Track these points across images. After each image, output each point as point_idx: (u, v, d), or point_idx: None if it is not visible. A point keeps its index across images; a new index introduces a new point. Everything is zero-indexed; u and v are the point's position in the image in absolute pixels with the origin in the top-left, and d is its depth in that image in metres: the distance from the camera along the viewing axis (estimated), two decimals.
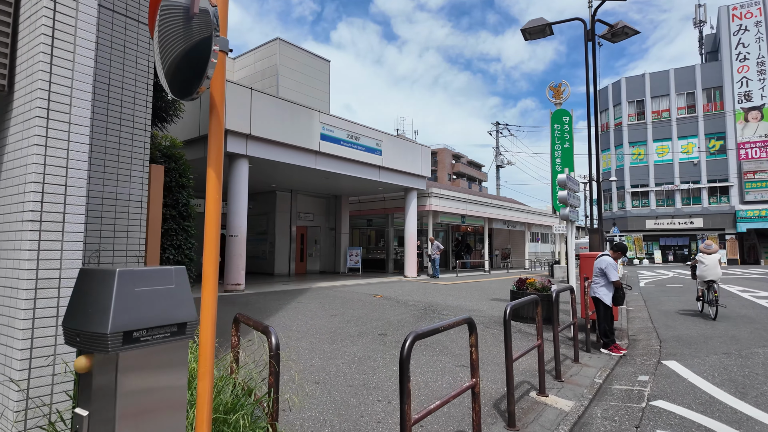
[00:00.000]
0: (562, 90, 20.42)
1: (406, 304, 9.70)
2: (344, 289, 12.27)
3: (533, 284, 8.28)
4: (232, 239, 11.05)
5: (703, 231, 33.17)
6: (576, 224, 19.27)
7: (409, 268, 16.72)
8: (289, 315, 7.95)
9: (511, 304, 3.80)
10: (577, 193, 7.11)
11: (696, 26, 38.43)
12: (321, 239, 19.48)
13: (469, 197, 20.38)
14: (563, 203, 6.50)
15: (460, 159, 72.36)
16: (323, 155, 13.02)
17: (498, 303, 10.27)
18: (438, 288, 13.20)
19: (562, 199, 6.45)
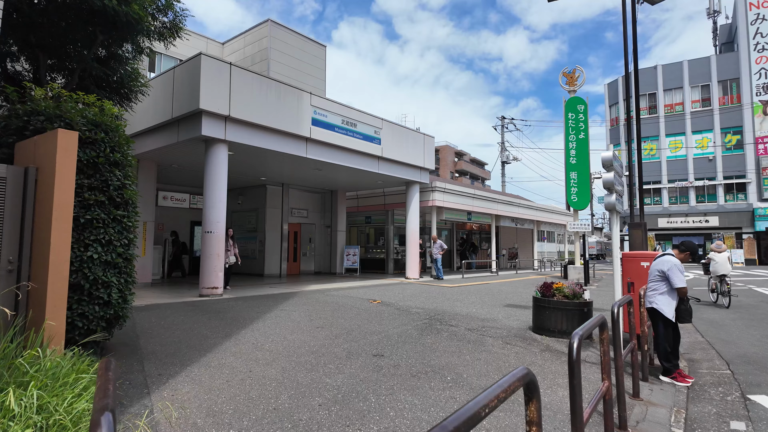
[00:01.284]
0: (577, 76, 18.95)
1: (408, 311, 8.28)
2: (338, 293, 10.85)
3: (561, 290, 6.86)
4: (208, 236, 9.64)
5: (718, 230, 31.68)
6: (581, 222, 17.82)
7: (411, 269, 15.29)
8: (266, 327, 6.53)
9: (578, 334, 2.33)
10: (622, 178, 5.71)
11: (710, 17, 36.90)
12: (316, 237, 18.07)
13: (475, 192, 18.96)
14: (608, 189, 5.08)
15: (463, 156, 71.00)
16: (315, 143, 11.60)
17: (515, 311, 8.85)
18: (443, 291, 11.78)
19: (607, 184, 5.03)
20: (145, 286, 11.55)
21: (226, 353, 5.10)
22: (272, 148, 10.63)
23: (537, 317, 6.91)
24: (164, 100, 10.20)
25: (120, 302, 4.54)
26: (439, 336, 6.34)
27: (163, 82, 10.37)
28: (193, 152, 10.84)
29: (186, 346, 5.37)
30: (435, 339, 6.16)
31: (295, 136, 11.08)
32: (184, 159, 11.83)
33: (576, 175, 17.84)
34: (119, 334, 5.71)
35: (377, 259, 18.79)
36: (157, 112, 10.41)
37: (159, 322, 6.71)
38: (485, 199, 19.69)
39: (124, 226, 4.61)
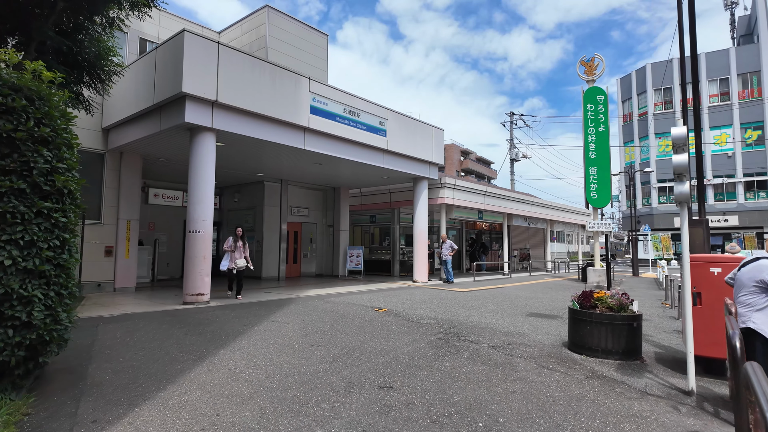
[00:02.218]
0: (596, 65, 17.75)
1: (418, 323, 7.17)
2: (339, 299, 9.76)
3: (604, 301, 5.74)
4: (192, 237, 8.58)
5: (738, 229, 30.32)
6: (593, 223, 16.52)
7: (419, 272, 14.18)
8: (250, 345, 5.45)
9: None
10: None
11: (727, 8, 35.52)
12: (317, 238, 16.99)
13: (486, 190, 17.82)
14: (680, 175, 3.96)
15: (469, 155, 69.88)
16: (314, 133, 10.52)
17: (541, 322, 7.71)
18: (456, 297, 10.66)
19: (680, 168, 3.91)
20: (127, 292, 10.51)
21: (193, 385, 4.02)
22: (266, 138, 9.55)
23: (574, 332, 5.79)
24: (146, 84, 9.16)
25: (48, 323, 3.47)
26: (459, 357, 5.23)
27: (145, 66, 9.32)
28: (179, 143, 9.79)
29: (145, 374, 4.29)
30: (454, 361, 5.05)
31: (292, 125, 10.00)
32: (171, 151, 10.78)
33: (596, 170, 16.68)
34: (68, 356, 4.65)
35: (382, 261, 17.69)
36: (139, 99, 9.37)
37: (124, 339, 5.64)
38: (497, 196, 18.54)
39: (55, 222, 3.53)
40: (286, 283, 13.63)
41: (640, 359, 5.42)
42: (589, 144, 16.52)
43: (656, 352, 5.92)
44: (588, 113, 16.56)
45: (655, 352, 5.95)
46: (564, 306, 9.65)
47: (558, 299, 10.89)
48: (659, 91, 33.70)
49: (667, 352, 5.99)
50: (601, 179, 16.30)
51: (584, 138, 16.74)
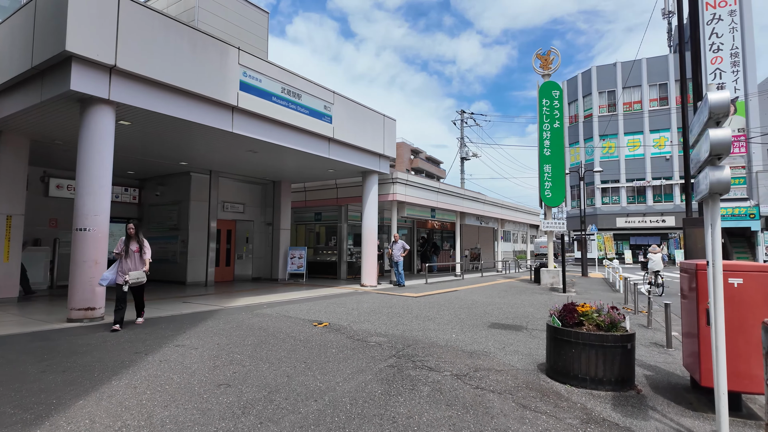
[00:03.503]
0: (552, 59, 17.21)
1: (366, 342, 5.87)
2: (273, 310, 8.27)
3: (590, 317, 4.70)
4: (81, 236, 6.78)
5: (675, 230, 31.53)
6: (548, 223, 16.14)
7: (368, 275, 12.90)
8: (129, 389, 3.90)
9: None
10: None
11: (665, 17, 37.03)
12: (254, 237, 15.26)
13: (440, 187, 16.84)
14: (720, 155, 2.92)
15: (419, 154, 69.72)
16: (244, 114, 8.94)
17: (506, 336, 6.63)
18: (408, 305, 9.47)
19: (720, 147, 2.87)
20: (4, 304, 8.44)
21: None
22: (184, 117, 7.88)
23: (556, 355, 4.71)
24: (24, 44, 7.21)
25: None
26: (416, 395, 3.97)
27: (23, 20, 7.36)
28: (74, 121, 7.88)
29: None
30: (412, 404, 3.78)
31: (216, 103, 8.37)
32: (68, 132, 8.79)
33: (550, 168, 16.12)
34: None
35: (328, 263, 16.24)
36: (15, 62, 7.39)
37: None
38: (451, 194, 17.63)
39: None
40: (215, 290, 11.90)
41: (634, 389, 4.42)
42: (544, 140, 15.94)
43: (646, 376, 4.97)
44: (543, 108, 15.97)
45: (644, 375, 5.00)
46: (525, 314, 8.71)
47: (517, 305, 9.98)
48: (603, 93, 34.49)
49: (657, 374, 5.06)
50: (556, 177, 15.77)
51: (539, 134, 16.15)
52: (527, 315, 8.59)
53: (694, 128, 3.51)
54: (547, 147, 15.91)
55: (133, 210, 14.63)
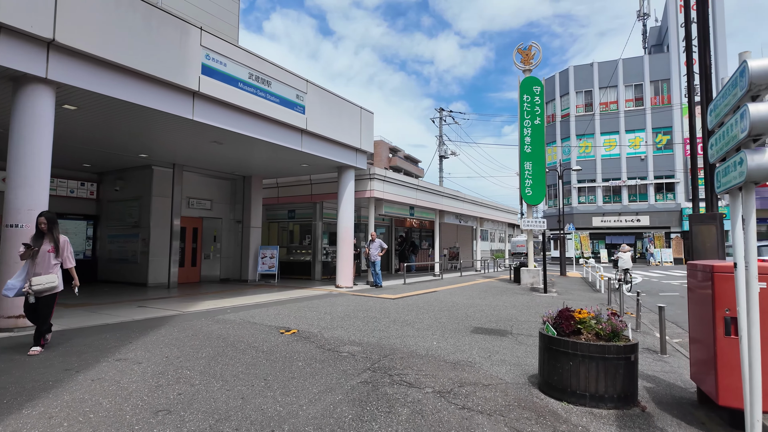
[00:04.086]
0: (533, 54, 16.85)
1: (337, 353, 5.24)
2: (237, 316, 7.55)
3: (588, 324, 4.19)
4: (11, 233, 5.94)
5: (649, 229, 31.91)
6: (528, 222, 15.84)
7: (343, 275, 12.25)
8: (44, 419, 3.17)
9: None
10: None
11: (639, 19, 37.51)
12: (223, 235, 14.41)
13: (419, 184, 16.31)
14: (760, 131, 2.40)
15: (397, 153, 69.34)
16: (207, 100, 8.17)
17: (491, 341, 6.10)
18: (385, 308, 8.88)
19: (760, 124, 2.35)
20: None
21: None
22: (137, 101, 7.07)
23: (550, 368, 4.18)
24: None
25: None
26: (394, 419, 3.37)
27: None
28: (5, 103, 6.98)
29: None
30: (388, 431, 3.18)
31: (175, 87, 7.59)
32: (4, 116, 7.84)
33: (531, 165, 15.78)
34: None
35: (302, 263, 15.50)
36: None
37: None
38: (430, 191, 17.12)
39: None
40: (178, 292, 11.05)
41: (639, 406, 3.92)
42: (525, 137, 15.60)
43: (646, 388, 4.50)
44: (524, 104, 15.63)
45: (644, 387, 4.53)
46: (509, 316, 8.23)
47: (499, 307, 9.51)
48: (581, 93, 34.66)
49: (658, 386, 4.60)
50: (536, 175, 15.44)
51: (520, 131, 15.80)
52: (510, 318, 8.12)
53: (719, 108, 3.01)
54: (528, 144, 15.57)
55: (90, 206, 13.60)
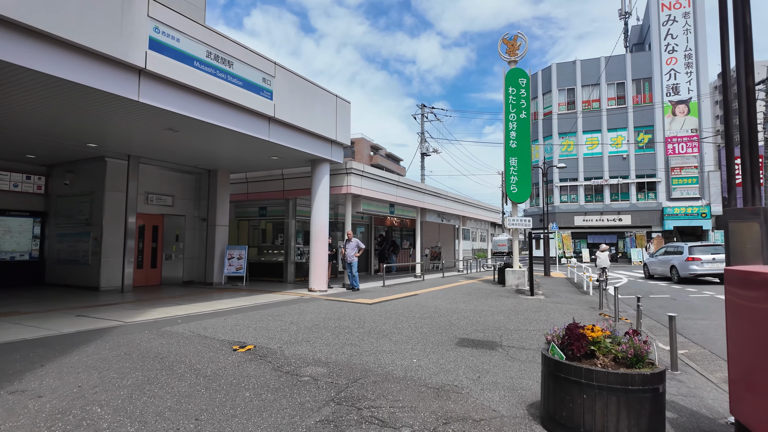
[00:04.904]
0: (519, 44, 16.10)
1: (297, 376, 4.33)
2: (187, 327, 6.56)
3: (603, 345, 3.37)
4: None
5: (631, 228, 31.78)
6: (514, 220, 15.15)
7: (317, 278, 11.31)
8: None
9: None
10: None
11: (621, 17, 37.44)
12: (186, 234, 13.29)
13: (399, 180, 15.45)
14: None
15: (379, 151, 68.60)
16: (156, 80, 7.13)
17: (479, 357, 5.26)
18: (360, 315, 7.99)
19: None
20: None
21: None
22: (69, 77, 6.00)
23: (556, 400, 3.35)
24: None
25: None
26: None
27: None
28: None
29: None
30: None
31: (115, 62, 6.53)
32: None
33: (516, 161, 15.09)
34: None
35: (274, 264, 14.47)
36: None
37: None
38: (411, 188, 16.29)
39: None
40: (133, 297, 9.96)
41: None
42: (510, 132, 14.89)
43: (669, 419, 3.72)
44: (509, 97, 14.91)
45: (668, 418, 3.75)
46: (496, 324, 7.43)
47: (485, 312, 8.73)
48: (563, 91, 34.35)
49: (681, 416, 3.81)
50: (522, 171, 14.76)
51: (505, 125, 15.10)
52: (498, 325, 7.32)
53: None
54: (513, 139, 14.88)
55: (38, 201, 12.32)
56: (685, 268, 15.87)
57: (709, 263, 15.43)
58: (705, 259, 15.55)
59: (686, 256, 15.89)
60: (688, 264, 15.74)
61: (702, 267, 15.50)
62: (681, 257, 16.24)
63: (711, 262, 15.42)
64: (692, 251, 15.94)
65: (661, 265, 17.83)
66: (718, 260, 15.13)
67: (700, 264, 15.54)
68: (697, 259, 15.64)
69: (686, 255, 15.94)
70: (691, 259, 15.71)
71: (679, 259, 16.36)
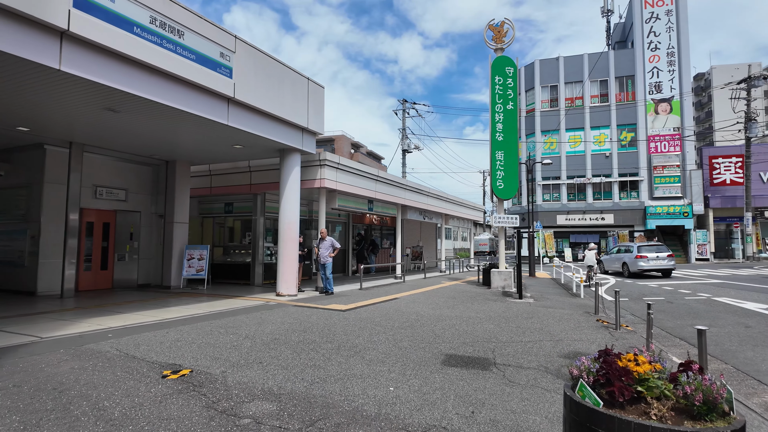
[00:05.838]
0: (506, 31, 15.11)
1: (235, 417, 3.25)
2: (116, 343, 5.40)
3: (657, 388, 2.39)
4: None
5: (613, 228, 31.44)
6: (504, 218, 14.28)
7: (285, 281, 10.20)
8: None
9: None
10: None
11: (603, 15, 37.17)
12: (142, 232, 12.00)
13: (379, 174, 14.41)
14: None
15: (359, 149, 67.51)
16: (83, 46, 5.94)
17: (470, 381, 4.26)
18: (330, 326, 6.93)
19: None
20: None
21: None
22: None
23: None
24: None
25: None
26: None
27: None
28: None
29: None
30: None
31: (30, 21, 5.33)
32: None
33: (503, 155, 14.20)
34: None
35: (241, 265, 13.26)
36: None
37: None
38: (391, 184, 15.27)
39: None
40: (73, 303, 8.70)
41: None
42: (497, 124, 14.02)
43: None
44: (496, 87, 14.03)
45: None
46: (486, 334, 6.46)
47: (472, 320, 7.77)
48: (546, 88, 33.85)
49: None
50: (509, 166, 13.90)
51: (491, 117, 14.21)
52: (489, 336, 6.36)
53: None
54: (500, 131, 14.00)
55: None
56: (634, 265, 18.10)
57: (654, 260, 17.83)
58: (651, 257, 17.89)
59: (635, 255, 18.10)
60: (637, 261, 17.93)
61: (648, 263, 17.84)
62: (631, 255, 18.54)
63: (655, 259, 17.83)
64: (640, 250, 18.27)
65: (614, 262, 19.96)
66: (660, 258, 17.77)
67: (647, 261, 17.86)
68: (644, 257, 17.93)
69: (635, 253, 18.17)
70: (640, 257, 17.94)
71: (629, 257, 18.63)
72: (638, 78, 31.15)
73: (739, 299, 10.89)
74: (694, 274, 19.08)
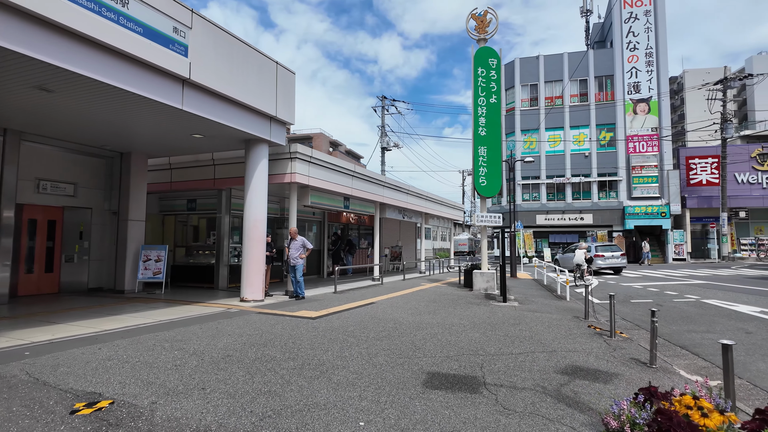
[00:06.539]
0: (489, 21, 14.52)
1: None
2: (29, 363, 4.48)
3: None
4: None
5: (592, 228, 31.35)
6: None
7: (250, 285, 9.31)
8: None
9: None
10: None
11: (583, 15, 37.19)
12: (93, 231, 10.90)
13: (356, 170, 13.59)
14: None
15: (338, 147, 66.53)
16: (3, 10, 4.96)
17: (461, 412, 3.51)
18: (297, 337, 6.11)
19: None
20: None
21: None
22: None
23: None
24: None
25: None
26: None
27: None
28: None
29: None
30: None
31: None
32: None
33: (485, 151, 13.58)
34: None
35: (204, 267, 12.26)
36: None
37: None
38: (369, 180, 14.48)
39: None
40: (7, 312, 7.62)
41: None
42: (479, 118, 13.39)
43: None
44: (479, 79, 13.39)
45: None
46: (472, 345, 5.73)
47: (456, 327, 7.07)
48: (526, 87, 33.59)
49: None
50: (492, 162, 13.29)
51: (473, 110, 13.57)
52: (475, 348, 5.65)
53: None
54: (482, 126, 13.37)
55: None
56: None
57: (609, 259, 19.64)
58: (607, 255, 19.73)
59: (593, 254, 19.18)
60: (595, 260, 19.23)
61: (605, 262, 19.62)
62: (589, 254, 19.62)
63: (610, 258, 19.65)
64: (597, 250, 20.03)
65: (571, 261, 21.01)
66: (614, 257, 19.67)
67: (603, 259, 19.61)
68: (601, 256, 19.66)
69: (593, 252, 19.34)
70: (597, 256, 19.51)
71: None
72: (617, 78, 31.15)
73: (730, 301, 10.49)
74: (675, 275, 18.89)
